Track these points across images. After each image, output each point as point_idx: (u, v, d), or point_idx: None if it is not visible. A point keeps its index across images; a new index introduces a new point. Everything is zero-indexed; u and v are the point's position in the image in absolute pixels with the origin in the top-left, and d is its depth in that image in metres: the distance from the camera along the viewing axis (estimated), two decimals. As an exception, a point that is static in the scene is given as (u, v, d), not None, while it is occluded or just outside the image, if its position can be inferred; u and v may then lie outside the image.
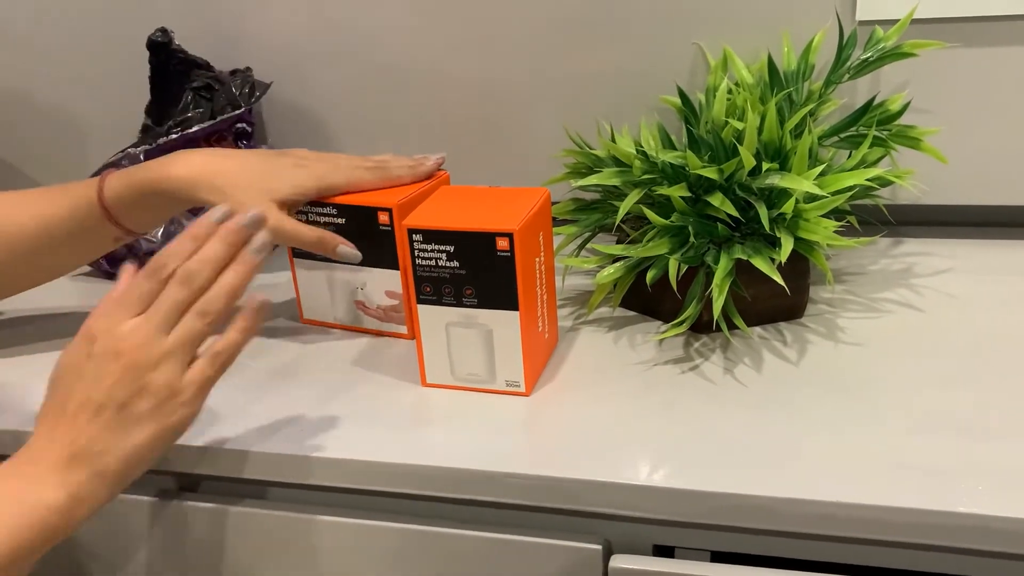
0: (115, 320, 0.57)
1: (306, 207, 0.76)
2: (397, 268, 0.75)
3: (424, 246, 0.67)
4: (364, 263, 0.76)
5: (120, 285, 0.60)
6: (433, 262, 0.67)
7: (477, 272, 0.66)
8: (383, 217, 0.73)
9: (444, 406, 0.69)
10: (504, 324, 0.67)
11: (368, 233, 0.74)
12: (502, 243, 0.65)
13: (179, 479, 0.70)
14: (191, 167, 0.72)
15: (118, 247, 0.80)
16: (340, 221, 0.75)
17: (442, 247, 0.66)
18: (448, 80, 0.95)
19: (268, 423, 0.68)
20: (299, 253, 0.79)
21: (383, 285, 0.77)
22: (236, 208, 0.62)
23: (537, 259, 0.68)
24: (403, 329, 0.79)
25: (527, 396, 0.69)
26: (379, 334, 0.80)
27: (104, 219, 0.74)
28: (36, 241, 0.75)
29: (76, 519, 0.55)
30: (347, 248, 0.74)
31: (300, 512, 0.66)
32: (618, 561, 0.60)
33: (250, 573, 0.69)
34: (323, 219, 0.76)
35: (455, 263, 0.66)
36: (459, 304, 0.68)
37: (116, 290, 0.60)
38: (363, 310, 0.79)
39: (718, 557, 0.60)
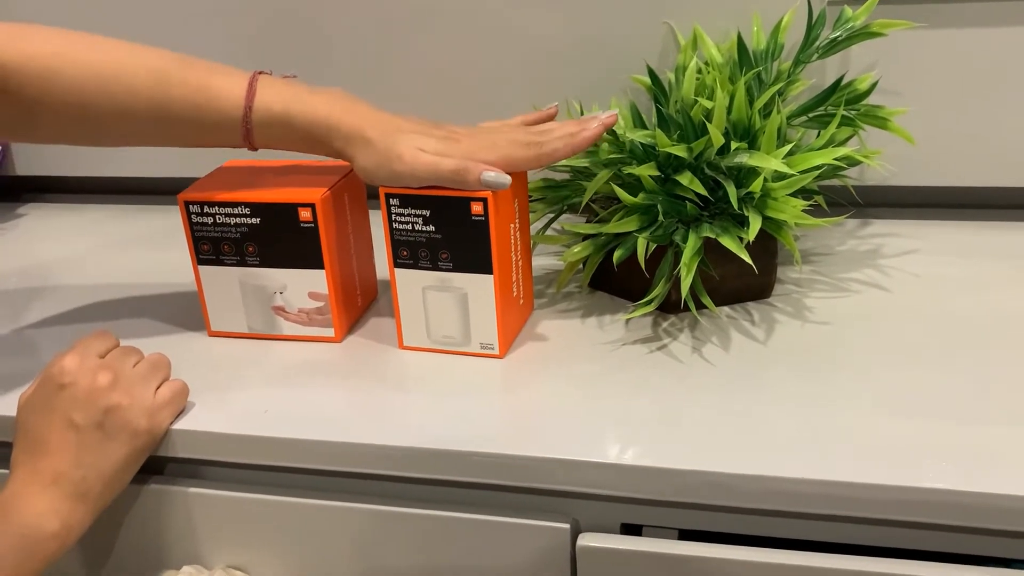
0: (87, 357, 0.63)
1: (213, 208, 0.70)
2: (321, 267, 0.71)
3: (401, 210, 0.67)
4: (284, 264, 0.72)
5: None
6: (409, 226, 0.68)
7: (452, 236, 0.67)
8: (305, 214, 0.69)
9: (416, 374, 0.70)
10: (478, 288, 0.68)
11: (288, 231, 0.70)
12: (476, 208, 0.65)
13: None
14: (353, 117, 0.66)
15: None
16: (254, 221, 0.70)
17: (418, 211, 0.67)
18: (414, 60, 0.94)
19: (237, 406, 0.67)
20: (204, 258, 0.73)
21: (306, 286, 0.72)
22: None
23: (512, 225, 0.69)
24: (329, 332, 0.74)
25: (501, 358, 0.70)
26: (301, 340, 0.75)
27: (241, 135, 0.67)
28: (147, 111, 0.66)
29: (68, 544, 0.59)
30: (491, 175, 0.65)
31: (266, 494, 0.65)
32: (586, 540, 0.60)
33: (217, 555, 0.68)
34: (234, 220, 0.70)
35: (431, 227, 0.67)
36: (435, 268, 0.69)
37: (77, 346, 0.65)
38: (282, 315, 0.74)
39: (686, 535, 0.60)
